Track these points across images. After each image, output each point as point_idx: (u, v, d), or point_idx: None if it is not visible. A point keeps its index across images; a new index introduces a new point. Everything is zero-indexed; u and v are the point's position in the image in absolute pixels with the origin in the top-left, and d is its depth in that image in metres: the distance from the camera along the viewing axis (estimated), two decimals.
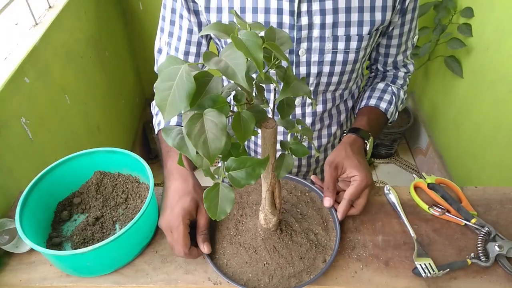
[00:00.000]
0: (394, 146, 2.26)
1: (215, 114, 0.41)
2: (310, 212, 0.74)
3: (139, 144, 2.19)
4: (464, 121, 1.77)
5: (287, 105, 0.54)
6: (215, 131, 0.41)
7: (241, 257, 0.68)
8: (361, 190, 0.72)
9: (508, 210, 0.78)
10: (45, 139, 1.16)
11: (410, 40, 0.89)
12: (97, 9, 1.70)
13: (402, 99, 0.97)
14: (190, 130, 0.41)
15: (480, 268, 0.68)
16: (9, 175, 0.94)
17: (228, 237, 0.71)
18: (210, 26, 0.45)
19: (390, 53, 0.91)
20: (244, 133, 0.45)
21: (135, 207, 0.78)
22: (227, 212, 0.48)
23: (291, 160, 0.56)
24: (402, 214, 0.76)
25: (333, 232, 0.71)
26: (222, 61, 0.40)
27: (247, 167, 0.47)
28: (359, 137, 0.82)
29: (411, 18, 0.83)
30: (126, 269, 0.70)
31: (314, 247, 0.69)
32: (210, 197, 0.48)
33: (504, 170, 1.48)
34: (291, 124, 0.58)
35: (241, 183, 0.47)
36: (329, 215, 0.74)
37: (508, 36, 1.44)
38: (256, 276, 0.66)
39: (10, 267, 0.71)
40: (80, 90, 1.47)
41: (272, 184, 0.60)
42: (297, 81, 0.49)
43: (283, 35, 0.49)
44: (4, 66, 1.03)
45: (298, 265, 0.66)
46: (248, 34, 0.41)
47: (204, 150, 0.41)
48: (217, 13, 0.77)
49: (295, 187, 0.80)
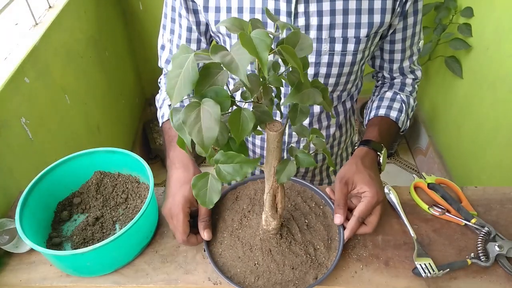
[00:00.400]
0: (394, 146, 2.26)
1: (211, 104, 0.42)
2: (318, 226, 0.72)
3: (139, 144, 2.19)
4: (464, 121, 1.77)
5: (300, 111, 0.52)
6: (209, 120, 0.41)
7: (236, 251, 0.68)
8: (372, 206, 0.69)
9: (508, 210, 0.78)
10: (45, 139, 1.16)
11: (415, 45, 0.87)
12: (97, 9, 1.70)
13: (412, 106, 0.93)
14: (186, 118, 0.42)
15: (480, 268, 0.68)
16: (9, 175, 0.94)
17: (230, 228, 0.72)
18: (226, 20, 0.45)
19: (395, 58, 0.89)
20: (242, 131, 0.45)
21: (135, 207, 0.78)
22: (213, 202, 0.49)
23: (294, 168, 0.55)
24: (402, 214, 0.76)
25: (334, 253, 0.68)
26: (228, 56, 0.41)
27: (235, 163, 0.47)
28: (371, 150, 0.79)
29: (413, 22, 0.82)
30: (126, 269, 0.70)
31: (310, 262, 0.67)
32: (199, 185, 0.49)
33: (504, 170, 1.48)
34: (305, 131, 0.57)
35: (226, 178, 0.47)
36: (337, 234, 0.71)
37: (508, 36, 1.44)
38: (243, 273, 0.66)
39: (10, 267, 0.71)
40: (80, 90, 1.47)
41: (274, 187, 0.60)
42: (311, 89, 0.48)
43: (306, 41, 0.47)
44: (4, 66, 1.03)
45: (288, 275, 0.65)
46: (259, 33, 0.41)
47: (198, 138, 0.42)
48: (215, 13, 0.77)
49: (312, 198, 0.78)
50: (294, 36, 0.47)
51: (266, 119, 0.50)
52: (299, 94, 0.47)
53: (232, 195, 0.79)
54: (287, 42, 0.46)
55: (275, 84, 0.49)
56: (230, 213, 0.75)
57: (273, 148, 0.54)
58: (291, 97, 0.47)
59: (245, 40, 0.40)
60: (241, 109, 0.45)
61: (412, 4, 0.78)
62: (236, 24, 0.45)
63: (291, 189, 0.79)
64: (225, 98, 0.44)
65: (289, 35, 0.47)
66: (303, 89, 0.47)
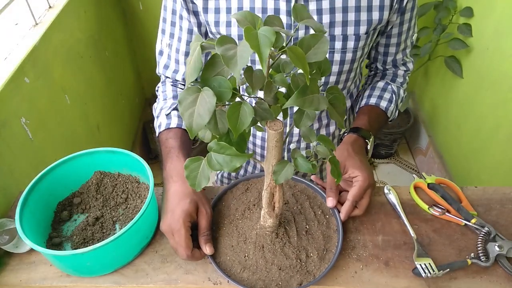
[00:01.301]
0: (394, 146, 2.26)
1: (209, 94, 0.43)
2: (317, 234, 0.71)
3: (139, 144, 2.19)
4: (464, 121, 1.77)
5: (306, 115, 0.51)
6: (203, 108, 0.43)
7: (230, 240, 0.70)
8: (363, 190, 0.72)
9: (508, 210, 0.78)
10: (45, 139, 1.16)
11: (409, 38, 0.89)
12: (97, 9, 1.70)
13: (402, 97, 0.96)
14: (182, 99, 0.44)
15: (480, 268, 0.68)
16: (9, 175, 0.94)
17: (232, 217, 0.73)
18: (239, 12, 0.45)
19: (389, 52, 0.90)
20: (240, 124, 0.45)
21: (135, 207, 0.78)
22: (201, 186, 0.50)
23: (291, 170, 0.55)
24: (402, 214, 0.76)
25: (326, 264, 0.67)
26: (232, 50, 0.41)
27: (225, 154, 0.48)
28: (360, 137, 0.82)
29: (410, 17, 0.83)
30: (126, 269, 0.70)
31: (298, 267, 0.66)
32: (191, 168, 0.50)
33: (504, 170, 1.48)
34: (311, 136, 0.56)
35: (215, 167, 0.48)
36: (334, 247, 0.70)
37: (508, 36, 1.44)
38: (231, 262, 0.67)
39: (10, 267, 0.71)
40: (80, 90, 1.47)
41: (271, 186, 0.60)
42: (316, 95, 0.47)
43: (323, 47, 0.46)
44: (4, 66, 1.03)
45: (273, 274, 0.65)
46: (266, 29, 0.41)
47: (188, 121, 0.43)
48: (215, 14, 0.77)
49: (320, 205, 0.77)
50: (312, 38, 0.46)
51: (267, 116, 0.50)
52: (301, 98, 0.46)
53: (243, 186, 0.79)
54: (301, 43, 0.46)
55: (279, 84, 0.48)
56: (236, 203, 0.76)
57: (271, 146, 0.54)
58: (292, 100, 0.46)
59: (249, 34, 0.40)
60: (241, 102, 0.45)
61: (410, 1, 0.79)
62: (249, 19, 0.44)
63: (302, 192, 0.79)
64: (226, 89, 0.44)
65: (306, 37, 0.46)
66: (309, 93, 0.46)
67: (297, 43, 0.46)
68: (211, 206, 0.73)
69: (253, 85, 0.46)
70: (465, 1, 1.70)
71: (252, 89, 0.46)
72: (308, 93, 0.46)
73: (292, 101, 0.46)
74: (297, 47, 0.43)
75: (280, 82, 0.48)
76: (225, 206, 0.76)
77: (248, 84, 0.46)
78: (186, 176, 0.50)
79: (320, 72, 0.51)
